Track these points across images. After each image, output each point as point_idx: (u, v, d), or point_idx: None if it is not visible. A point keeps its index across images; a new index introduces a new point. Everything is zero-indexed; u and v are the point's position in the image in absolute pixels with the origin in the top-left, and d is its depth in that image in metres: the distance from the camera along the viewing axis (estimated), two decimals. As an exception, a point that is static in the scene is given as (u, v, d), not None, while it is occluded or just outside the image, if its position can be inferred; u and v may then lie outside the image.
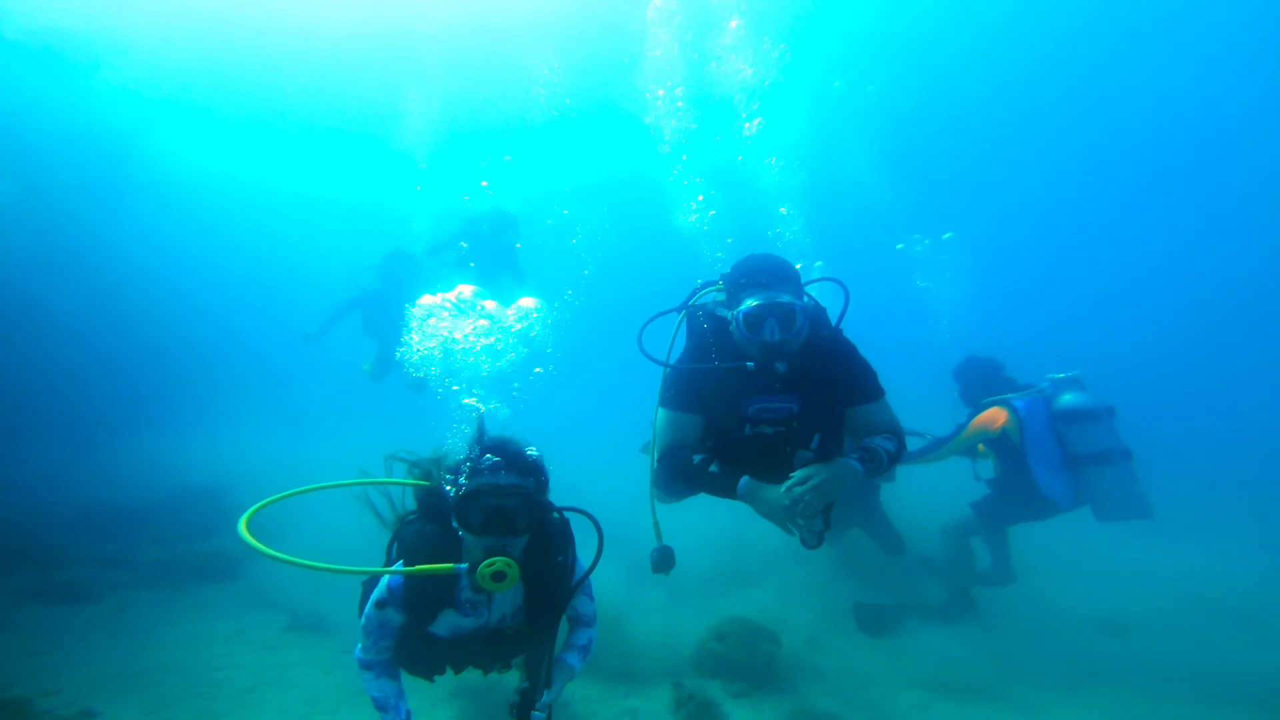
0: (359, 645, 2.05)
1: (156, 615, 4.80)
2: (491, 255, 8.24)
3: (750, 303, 2.37)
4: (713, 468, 2.42)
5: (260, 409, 12.44)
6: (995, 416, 4.20)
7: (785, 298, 2.35)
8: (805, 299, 2.51)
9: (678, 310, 2.83)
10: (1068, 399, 4.09)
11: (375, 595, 2.00)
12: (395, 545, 2.08)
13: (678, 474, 2.48)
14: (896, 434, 2.50)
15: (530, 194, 10.90)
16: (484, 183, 9.50)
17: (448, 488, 2.00)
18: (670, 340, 2.78)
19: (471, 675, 2.24)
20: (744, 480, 2.29)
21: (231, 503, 7.33)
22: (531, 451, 2.00)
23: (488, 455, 1.93)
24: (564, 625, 2.17)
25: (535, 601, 2.04)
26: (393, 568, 1.93)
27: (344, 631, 4.53)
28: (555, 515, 2.05)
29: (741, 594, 4.45)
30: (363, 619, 2.02)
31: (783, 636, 3.82)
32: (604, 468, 6.66)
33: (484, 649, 2.06)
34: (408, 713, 2.00)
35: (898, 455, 2.47)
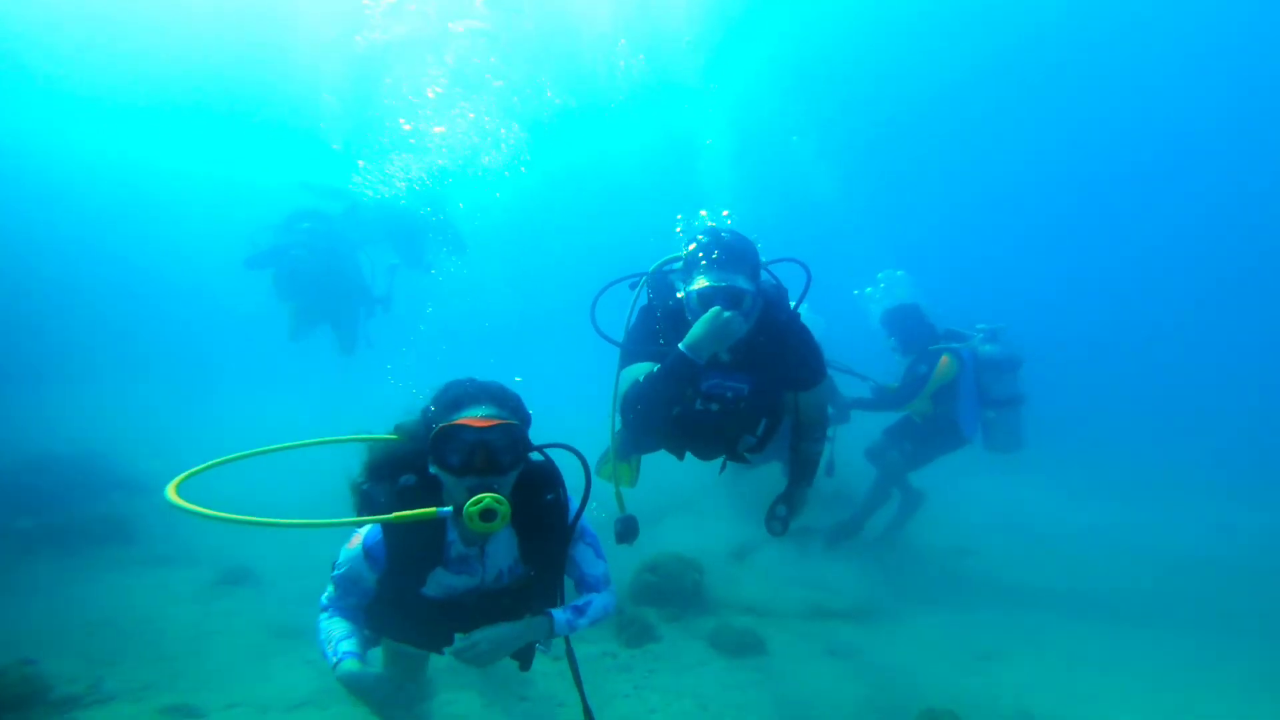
0: (322, 599, 1.89)
1: (60, 577, 4.52)
2: (421, 224, 7.96)
3: (703, 281, 2.36)
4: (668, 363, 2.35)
5: (155, 369, 11.40)
6: (947, 363, 4.69)
7: (740, 281, 2.35)
8: (765, 277, 2.56)
9: (631, 284, 2.84)
10: (990, 350, 4.70)
11: (349, 554, 1.82)
12: (364, 508, 1.78)
13: (642, 397, 2.42)
14: (823, 428, 2.72)
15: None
16: (361, 162, 8.87)
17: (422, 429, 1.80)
18: (630, 310, 2.79)
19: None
20: None
21: (114, 465, 6.84)
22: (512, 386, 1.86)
23: (463, 389, 1.78)
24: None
25: (531, 545, 1.89)
26: (368, 518, 1.68)
27: (281, 583, 4.56)
28: (538, 456, 1.90)
29: (669, 530, 4.98)
30: (335, 570, 1.86)
31: (705, 565, 4.40)
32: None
33: (483, 610, 1.83)
34: (347, 654, 1.73)
35: (819, 457, 2.73)
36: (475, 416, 1.69)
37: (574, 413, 4.82)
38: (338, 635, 1.79)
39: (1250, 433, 14.63)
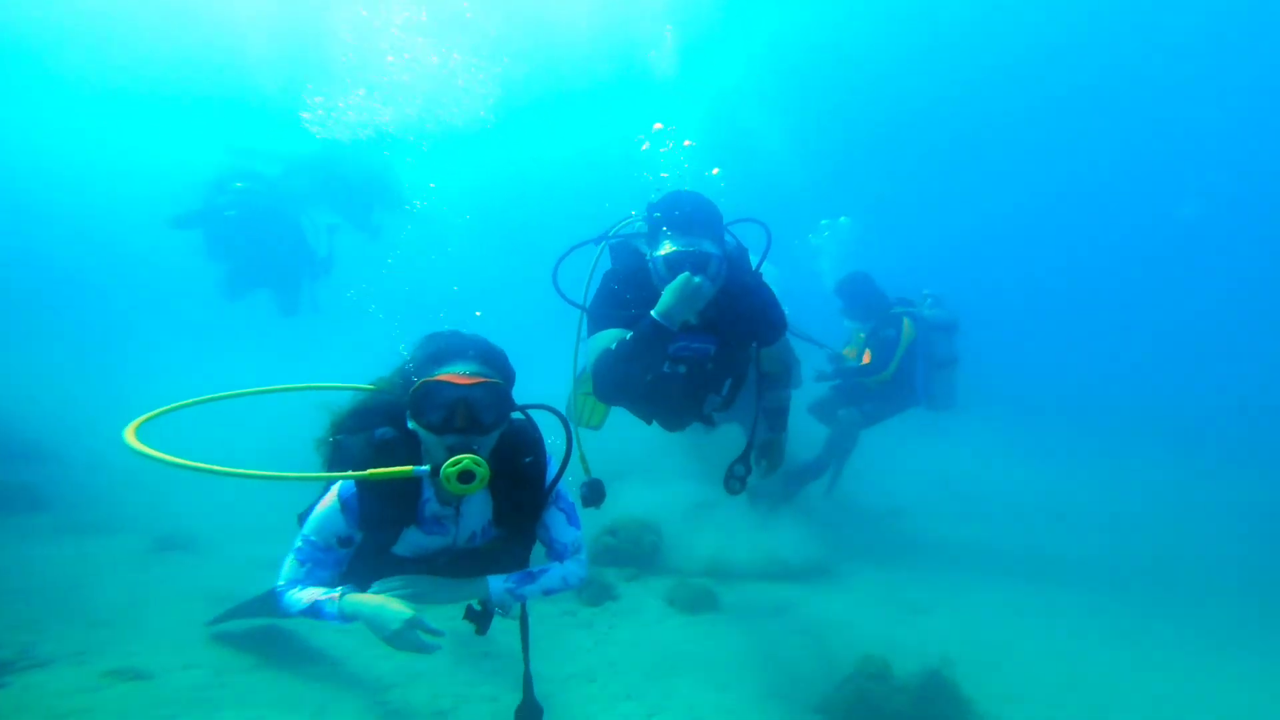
0: (280, 579, 1.68)
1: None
2: (359, 184, 7.53)
3: (669, 247, 2.36)
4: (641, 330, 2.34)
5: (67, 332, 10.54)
6: (908, 326, 4.92)
7: (706, 245, 2.36)
8: (729, 240, 2.57)
9: (595, 242, 2.82)
10: (935, 314, 5.02)
11: (323, 513, 1.68)
12: (336, 460, 1.70)
13: (615, 365, 2.40)
14: (787, 378, 2.82)
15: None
16: (305, 114, 8.35)
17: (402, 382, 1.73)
18: (590, 273, 2.78)
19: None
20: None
21: (18, 432, 6.34)
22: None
23: (446, 342, 1.70)
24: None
25: (506, 507, 1.80)
26: (339, 474, 1.60)
27: (224, 547, 4.40)
28: (520, 415, 1.84)
29: (628, 492, 5.08)
30: (296, 544, 1.70)
31: (663, 527, 4.55)
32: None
33: (451, 571, 1.76)
34: (342, 591, 1.60)
35: (787, 405, 2.84)
36: (458, 373, 1.61)
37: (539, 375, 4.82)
38: (317, 592, 1.63)
39: (1180, 400, 16.04)
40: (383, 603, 1.57)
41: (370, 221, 7.93)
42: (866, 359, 5.06)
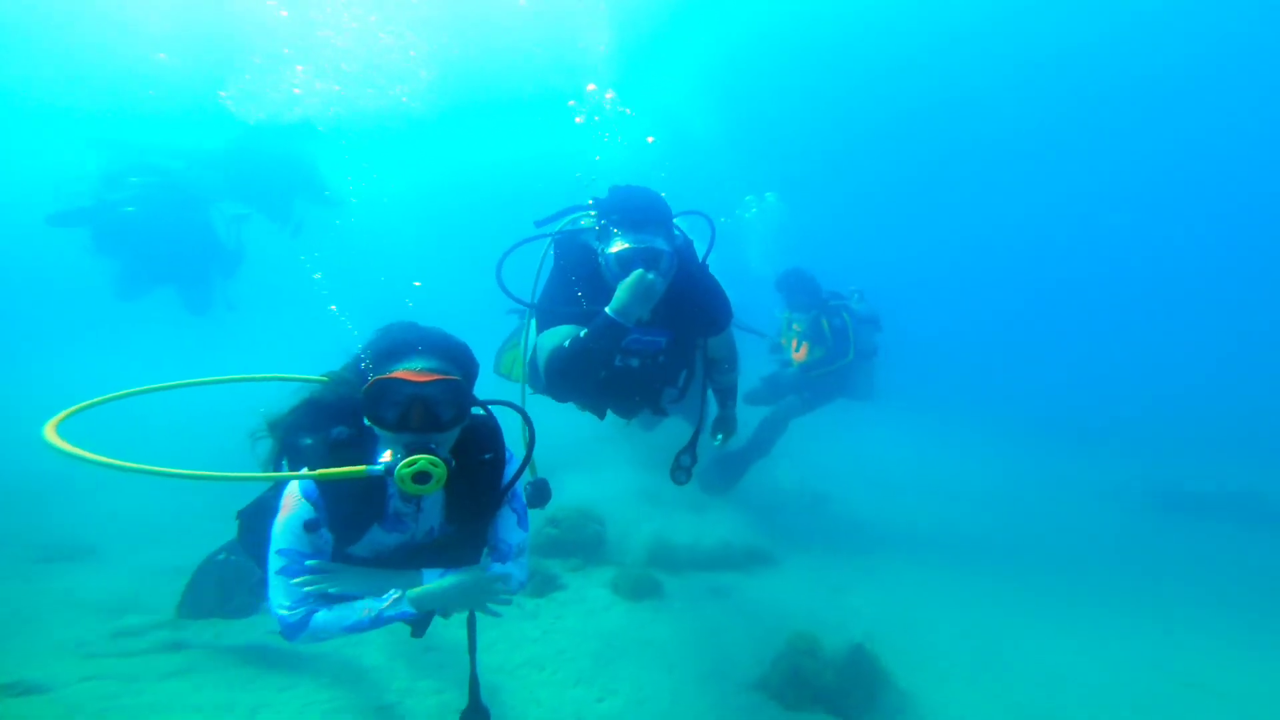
0: (279, 608, 1.58)
1: None
2: (277, 175, 7.12)
3: (621, 244, 2.38)
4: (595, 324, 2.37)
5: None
6: (846, 317, 5.20)
7: (658, 242, 2.39)
8: (676, 234, 2.61)
9: (542, 238, 2.76)
10: (862, 307, 5.35)
11: (291, 520, 1.59)
12: (286, 459, 1.69)
13: (572, 362, 2.40)
14: (733, 360, 2.91)
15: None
16: (223, 93, 7.88)
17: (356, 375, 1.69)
18: (538, 268, 2.75)
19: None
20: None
21: None
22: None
23: (402, 336, 1.62)
24: None
25: (459, 504, 1.74)
26: (295, 473, 1.57)
27: (126, 557, 4.02)
28: (480, 411, 1.80)
29: (570, 483, 5.09)
30: (277, 565, 1.59)
31: (605, 517, 4.59)
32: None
33: (403, 564, 1.73)
34: (389, 597, 1.60)
35: (735, 384, 2.96)
36: (413, 369, 1.53)
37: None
38: (362, 607, 1.59)
39: (1072, 391, 17.45)
40: (440, 581, 1.63)
41: (291, 215, 7.49)
42: (804, 352, 5.33)
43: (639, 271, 2.36)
